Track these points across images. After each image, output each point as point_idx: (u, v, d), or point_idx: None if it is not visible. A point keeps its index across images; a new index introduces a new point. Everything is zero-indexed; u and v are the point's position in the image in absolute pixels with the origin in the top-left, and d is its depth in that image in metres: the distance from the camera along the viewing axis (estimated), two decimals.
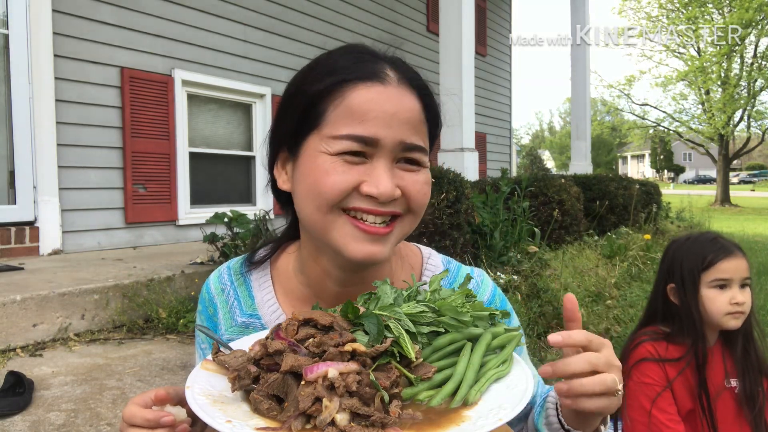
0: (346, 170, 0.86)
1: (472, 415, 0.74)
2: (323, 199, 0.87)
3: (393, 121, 0.87)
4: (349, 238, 0.88)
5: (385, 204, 0.88)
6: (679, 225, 9.97)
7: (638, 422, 1.79)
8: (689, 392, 1.79)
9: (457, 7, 5.87)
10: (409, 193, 0.90)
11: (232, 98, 6.70)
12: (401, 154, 0.89)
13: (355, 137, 0.86)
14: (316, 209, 0.89)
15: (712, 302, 1.81)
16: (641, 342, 1.87)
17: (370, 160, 0.88)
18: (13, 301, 3.05)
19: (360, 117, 0.86)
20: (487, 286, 1.10)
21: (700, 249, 1.85)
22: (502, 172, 5.94)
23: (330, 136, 0.87)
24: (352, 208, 0.88)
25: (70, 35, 5.03)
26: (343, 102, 0.88)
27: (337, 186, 0.86)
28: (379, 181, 0.86)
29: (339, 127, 0.87)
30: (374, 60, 0.92)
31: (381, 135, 0.86)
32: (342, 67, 0.90)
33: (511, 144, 14.02)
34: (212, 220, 4.20)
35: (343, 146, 0.86)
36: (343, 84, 0.88)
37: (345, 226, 0.88)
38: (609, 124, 40.93)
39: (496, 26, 12.78)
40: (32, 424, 2.24)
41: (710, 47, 22.51)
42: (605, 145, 56.60)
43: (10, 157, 4.72)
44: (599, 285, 5.13)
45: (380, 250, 0.89)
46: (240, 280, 1.10)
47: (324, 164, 0.87)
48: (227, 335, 1.06)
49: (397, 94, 0.89)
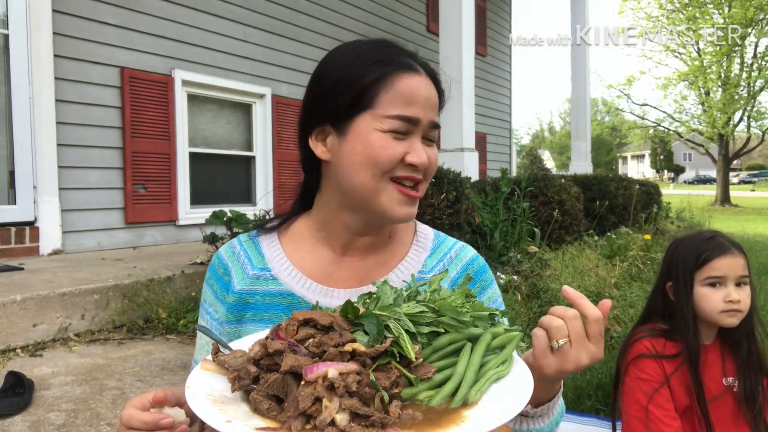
0: (395, 144, 1.03)
1: (472, 415, 0.74)
2: (379, 168, 1.03)
3: (428, 104, 1.06)
4: (395, 203, 1.05)
5: (420, 171, 1.05)
6: (679, 225, 9.97)
7: (635, 418, 1.79)
8: (686, 389, 1.80)
9: (457, 7, 5.87)
10: (431, 163, 1.07)
11: (232, 98, 6.69)
12: (428, 131, 1.07)
13: (404, 117, 1.03)
14: (370, 177, 1.03)
15: (706, 300, 1.81)
16: (639, 338, 1.87)
17: (409, 137, 1.04)
18: (13, 301, 3.05)
19: (408, 101, 1.03)
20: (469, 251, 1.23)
21: (696, 247, 1.86)
22: (502, 172, 5.94)
23: (383, 116, 1.03)
24: (398, 177, 1.04)
25: (70, 35, 5.03)
26: (393, 88, 1.03)
27: (392, 157, 1.02)
28: (420, 153, 1.04)
29: (390, 108, 1.03)
30: (405, 53, 1.09)
31: (421, 116, 1.04)
32: (389, 58, 1.06)
33: (511, 144, 14.02)
34: (211, 219, 4.19)
35: (395, 125, 1.03)
36: (393, 73, 1.04)
37: (393, 193, 1.05)
38: (609, 124, 40.92)
39: (496, 26, 12.78)
40: (32, 424, 2.24)
41: (710, 47, 22.51)
42: (605, 145, 56.57)
43: (10, 157, 4.72)
44: (599, 285, 5.12)
45: (414, 210, 1.09)
46: (249, 242, 1.21)
47: (379, 140, 1.03)
48: (239, 287, 1.14)
49: (427, 82, 1.07)
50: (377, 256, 1.16)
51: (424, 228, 1.26)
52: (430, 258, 1.18)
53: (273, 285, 1.13)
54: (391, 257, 1.17)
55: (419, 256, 1.18)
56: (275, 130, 7.04)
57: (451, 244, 1.23)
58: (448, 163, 5.30)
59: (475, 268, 1.20)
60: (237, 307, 1.13)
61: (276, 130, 7.05)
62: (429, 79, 1.08)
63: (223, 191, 6.67)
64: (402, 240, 1.20)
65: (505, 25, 13.34)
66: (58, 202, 4.93)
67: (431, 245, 1.21)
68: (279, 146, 7.05)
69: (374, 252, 1.16)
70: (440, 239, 1.24)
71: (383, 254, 1.17)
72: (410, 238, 1.22)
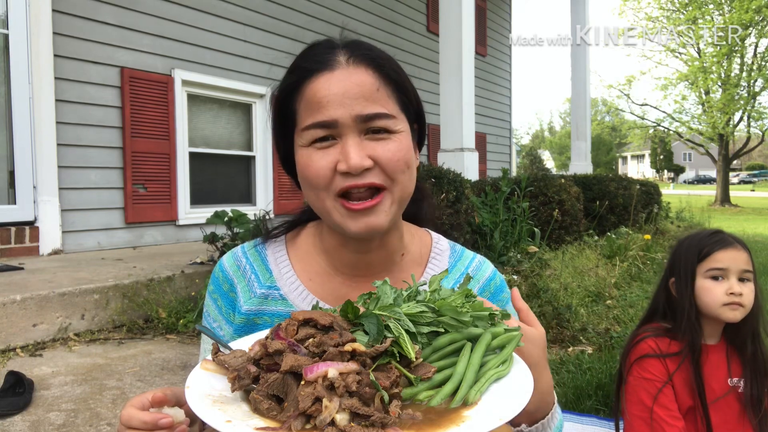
0: (320, 156, 0.95)
1: (472, 415, 0.74)
2: (314, 188, 0.97)
3: (345, 99, 0.94)
4: (345, 218, 0.96)
5: (361, 176, 0.94)
6: (679, 225, 9.97)
7: (638, 418, 1.78)
8: (690, 389, 1.79)
9: (457, 7, 5.86)
10: (380, 161, 0.95)
11: (232, 98, 6.70)
12: (365, 125, 0.95)
13: (316, 124, 0.94)
14: (315, 198, 0.98)
15: (707, 293, 1.80)
16: (643, 338, 1.86)
17: (339, 141, 0.95)
18: (13, 301, 3.05)
19: (317, 105, 0.95)
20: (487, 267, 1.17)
21: (699, 242, 1.86)
22: (502, 172, 5.94)
23: (301, 129, 0.97)
24: (340, 189, 0.95)
25: (70, 35, 5.03)
26: (303, 97, 0.97)
27: (318, 172, 0.95)
28: (347, 155, 0.93)
29: (305, 119, 0.96)
30: (328, 51, 0.99)
31: (336, 115, 0.93)
32: (298, 67, 1.00)
33: (511, 144, 14.02)
34: (212, 219, 4.19)
35: (311, 135, 0.95)
36: (301, 81, 0.98)
37: (340, 209, 0.96)
38: (609, 124, 40.96)
39: (496, 26, 12.78)
40: (32, 424, 2.24)
41: (710, 47, 22.50)
42: (605, 145, 56.59)
43: (10, 157, 4.72)
44: (599, 285, 5.12)
45: (376, 220, 0.96)
46: (255, 255, 1.13)
47: (303, 157, 0.97)
48: (246, 307, 1.08)
49: (345, 75, 0.95)
50: (391, 277, 1.07)
51: (440, 242, 1.18)
52: (447, 279, 1.11)
53: (282, 306, 1.07)
54: (405, 278, 1.09)
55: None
56: None
57: (469, 261, 1.16)
58: (448, 163, 5.30)
59: (492, 288, 1.14)
60: (245, 329, 1.07)
61: None
62: (358, 68, 0.96)
63: (223, 191, 6.67)
64: (417, 258, 1.13)
65: (505, 25, 13.34)
66: (58, 201, 4.93)
67: (448, 264, 1.14)
68: None
69: (387, 272, 1.09)
70: (456, 256, 1.16)
71: (397, 275, 1.09)
72: (426, 256, 1.14)
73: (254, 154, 6.96)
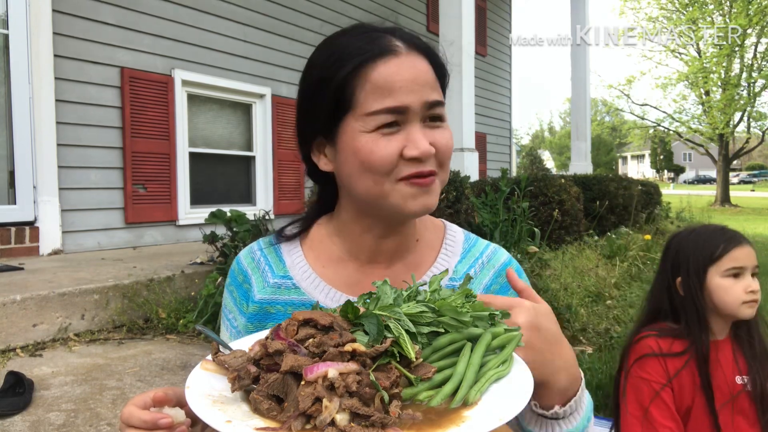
0: (387, 142, 0.94)
1: (472, 415, 0.73)
2: (377, 173, 0.95)
3: (414, 86, 0.94)
4: (407, 198, 0.96)
5: (426, 162, 0.95)
6: (679, 225, 9.95)
7: (633, 417, 1.77)
8: (692, 388, 1.76)
9: (457, 7, 5.87)
10: (440, 148, 0.97)
11: (232, 98, 6.70)
12: (427, 113, 0.96)
13: (388, 110, 0.93)
14: (372, 184, 0.96)
15: (727, 292, 1.76)
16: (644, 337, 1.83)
17: (403, 127, 0.95)
18: (13, 301, 3.05)
19: (387, 91, 0.93)
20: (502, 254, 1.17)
21: (710, 239, 1.81)
22: (502, 172, 5.93)
23: (365, 114, 0.94)
24: (404, 177, 0.95)
25: (70, 35, 5.03)
26: (369, 81, 0.94)
27: (385, 158, 0.93)
28: (419, 142, 0.94)
29: (371, 104, 0.94)
30: (380, 35, 0.98)
31: (408, 101, 0.94)
32: (356, 49, 0.96)
33: (511, 144, 14.02)
34: (211, 219, 4.18)
35: (379, 121, 0.94)
36: (364, 65, 0.95)
37: (402, 189, 0.96)
38: (609, 125, 40.99)
39: (496, 26, 12.78)
40: (32, 424, 2.24)
41: (711, 48, 22.49)
42: (605, 145, 56.57)
43: (10, 157, 4.72)
44: (599, 285, 5.13)
45: (432, 200, 0.98)
46: (269, 249, 1.15)
47: (367, 143, 0.94)
48: (260, 296, 1.09)
49: (410, 61, 0.96)
50: (405, 262, 1.10)
51: (454, 230, 1.18)
52: (461, 263, 1.12)
53: (295, 294, 1.08)
54: (419, 263, 1.10)
55: (449, 261, 1.12)
56: (275, 130, 7.04)
57: (483, 247, 1.16)
58: None
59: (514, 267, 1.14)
60: (258, 317, 1.09)
61: (276, 130, 7.04)
62: (416, 55, 0.98)
63: (223, 191, 6.67)
64: (431, 244, 1.13)
65: (505, 25, 13.34)
66: (58, 202, 4.93)
67: (461, 249, 1.14)
68: (279, 146, 7.05)
69: (401, 258, 1.10)
70: (471, 242, 1.16)
71: (411, 260, 1.10)
72: (439, 241, 1.15)
73: (254, 154, 6.96)
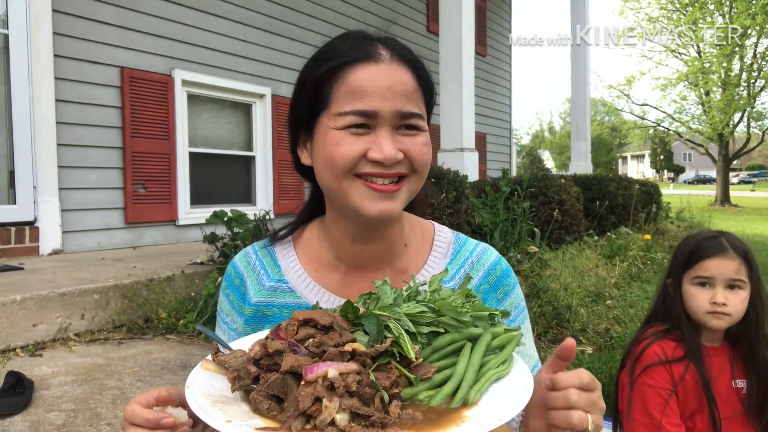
0: (353, 141, 0.97)
1: (472, 415, 0.74)
2: (337, 168, 0.98)
3: (388, 94, 0.98)
4: (364, 198, 0.99)
5: (391, 167, 0.98)
6: (679, 225, 9.96)
7: (640, 423, 1.78)
8: (694, 393, 1.77)
9: (457, 7, 5.86)
10: (410, 154, 1.00)
11: (232, 98, 6.69)
12: (400, 121, 0.99)
13: (357, 112, 0.97)
14: (333, 177, 0.99)
15: (692, 299, 1.81)
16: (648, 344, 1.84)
17: (373, 131, 0.98)
18: (13, 301, 3.05)
19: (360, 94, 0.97)
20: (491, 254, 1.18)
21: (693, 246, 1.85)
22: (502, 172, 5.93)
23: (336, 114, 0.98)
24: (363, 173, 0.98)
25: (70, 35, 5.03)
26: (344, 83, 0.99)
27: (347, 155, 0.97)
28: (382, 147, 0.97)
29: (343, 105, 0.98)
30: (368, 42, 1.03)
31: (379, 107, 0.97)
32: (340, 52, 1.01)
33: (511, 144, 14.01)
34: (211, 219, 4.18)
35: (348, 121, 0.97)
36: (343, 67, 0.99)
37: (360, 189, 0.99)
38: (609, 125, 40.95)
39: (496, 26, 12.78)
40: (32, 424, 2.24)
41: (711, 48, 22.48)
42: (605, 145, 56.54)
43: (10, 157, 4.72)
44: (599, 285, 5.13)
45: (392, 206, 1.00)
46: (264, 252, 1.19)
47: (334, 138, 0.98)
48: (256, 299, 1.13)
49: (390, 70, 1.00)
50: (393, 267, 1.12)
51: (443, 231, 1.21)
52: (451, 264, 1.14)
53: (290, 297, 1.11)
54: (408, 266, 1.12)
55: (439, 263, 1.14)
56: (275, 130, 7.04)
57: (472, 247, 1.17)
58: (448, 163, 5.30)
59: (497, 272, 1.15)
60: (255, 320, 1.11)
61: (276, 130, 7.04)
62: (400, 65, 1.01)
63: (223, 191, 6.67)
64: (420, 247, 1.15)
65: (505, 25, 13.34)
66: (58, 202, 4.93)
67: (451, 251, 1.16)
68: (279, 146, 7.05)
69: (389, 263, 1.12)
70: (460, 243, 1.18)
71: (400, 265, 1.12)
72: (429, 244, 1.17)
73: (254, 154, 6.96)
